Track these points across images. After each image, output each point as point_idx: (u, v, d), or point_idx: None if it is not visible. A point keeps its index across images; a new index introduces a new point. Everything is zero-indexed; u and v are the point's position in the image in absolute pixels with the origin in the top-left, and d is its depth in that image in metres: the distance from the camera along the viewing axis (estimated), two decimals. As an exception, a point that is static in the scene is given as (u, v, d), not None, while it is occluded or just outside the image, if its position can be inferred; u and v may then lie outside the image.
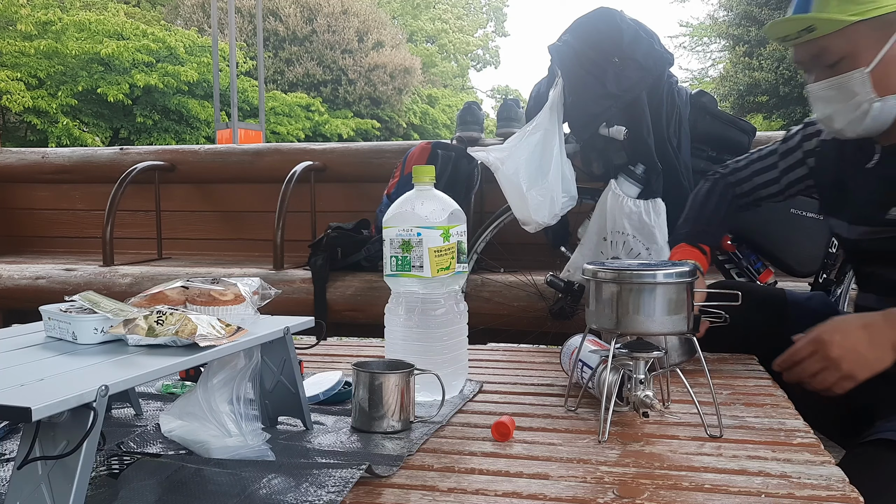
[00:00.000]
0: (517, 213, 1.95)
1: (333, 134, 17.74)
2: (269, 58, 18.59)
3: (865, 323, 1.20)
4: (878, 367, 1.17)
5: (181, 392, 1.23)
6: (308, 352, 1.50)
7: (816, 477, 0.85)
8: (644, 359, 1.04)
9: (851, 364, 1.17)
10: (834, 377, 1.18)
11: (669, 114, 2.06)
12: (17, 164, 3.64)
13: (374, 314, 1.44)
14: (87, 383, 0.69)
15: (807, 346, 1.21)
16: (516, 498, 0.81)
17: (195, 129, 16.29)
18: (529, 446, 0.97)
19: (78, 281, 2.87)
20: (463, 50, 30.54)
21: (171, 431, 0.96)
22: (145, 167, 3.29)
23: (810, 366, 1.20)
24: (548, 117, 1.99)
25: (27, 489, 0.67)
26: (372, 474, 0.85)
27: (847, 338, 1.19)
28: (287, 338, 1.00)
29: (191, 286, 1.00)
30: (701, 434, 1.01)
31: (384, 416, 1.02)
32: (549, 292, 2.37)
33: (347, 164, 3.21)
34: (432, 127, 21.98)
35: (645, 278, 1.02)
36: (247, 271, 2.76)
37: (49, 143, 13.89)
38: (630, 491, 0.82)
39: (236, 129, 12.20)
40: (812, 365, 1.19)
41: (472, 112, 2.96)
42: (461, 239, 1.20)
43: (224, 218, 3.52)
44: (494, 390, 1.26)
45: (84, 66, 14.77)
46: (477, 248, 2.51)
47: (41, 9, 14.79)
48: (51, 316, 0.92)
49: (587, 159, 2.31)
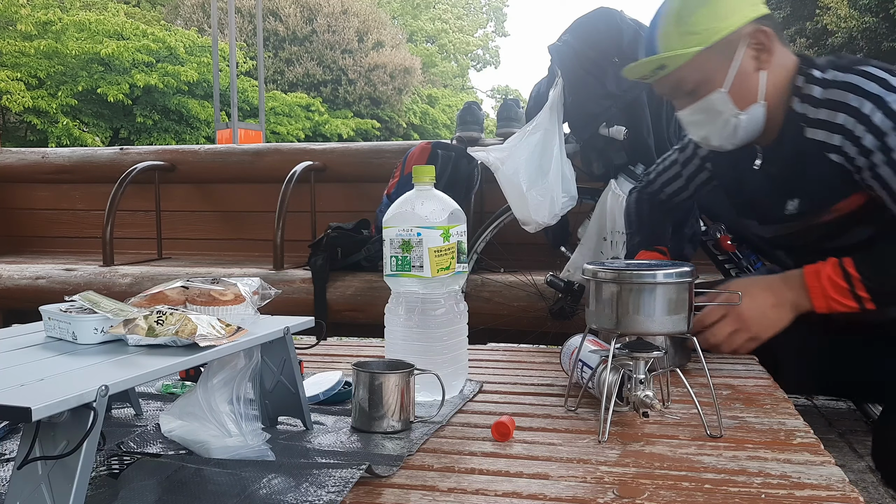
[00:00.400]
0: (517, 213, 1.95)
1: (333, 134, 17.74)
2: (269, 58, 18.60)
3: (768, 285, 1.30)
4: (780, 326, 1.29)
5: (181, 392, 1.23)
6: (308, 352, 1.50)
7: (816, 477, 0.85)
8: (644, 359, 1.04)
9: (759, 326, 1.29)
10: (743, 338, 1.29)
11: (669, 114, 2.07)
12: (17, 164, 3.64)
13: (374, 314, 1.44)
14: (87, 383, 0.69)
15: (717, 310, 1.29)
16: (516, 498, 0.81)
17: (195, 129, 16.29)
18: (529, 446, 0.97)
19: (78, 281, 2.87)
20: (463, 50, 30.55)
21: (171, 431, 0.96)
22: (145, 167, 3.29)
23: (721, 329, 1.28)
24: (548, 117, 1.99)
25: (27, 489, 0.67)
26: (372, 474, 0.85)
27: (754, 300, 1.29)
28: (287, 338, 1.00)
29: (191, 286, 1.00)
30: (701, 434, 1.01)
31: (384, 416, 1.02)
32: (549, 292, 2.37)
33: (347, 164, 3.22)
34: (432, 127, 21.98)
35: (645, 278, 1.02)
36: (247, 271, 2.76)
37: (49, 143, 13.90)
38: (630, 491, 0.82)
39: (236, 129, 12.19)
40: (723, 328, 1.28)
41: (472, 112, 2.97)
42: (461, 239, 1.20)
43: (224, 218, 3.52)
44: (494, 390, 1.26)
45: (84, 66, 14.77)
46: (477, 248, 2.51)
47: (41, 9, 14.79)
48: (51, 316, 0.92)
49: (587, 159, 2.31)
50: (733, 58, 1.27)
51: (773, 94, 1.30)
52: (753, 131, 1.33)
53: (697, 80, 1.30)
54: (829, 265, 1.28)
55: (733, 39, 1.27)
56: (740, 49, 1.27)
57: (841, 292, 1.26)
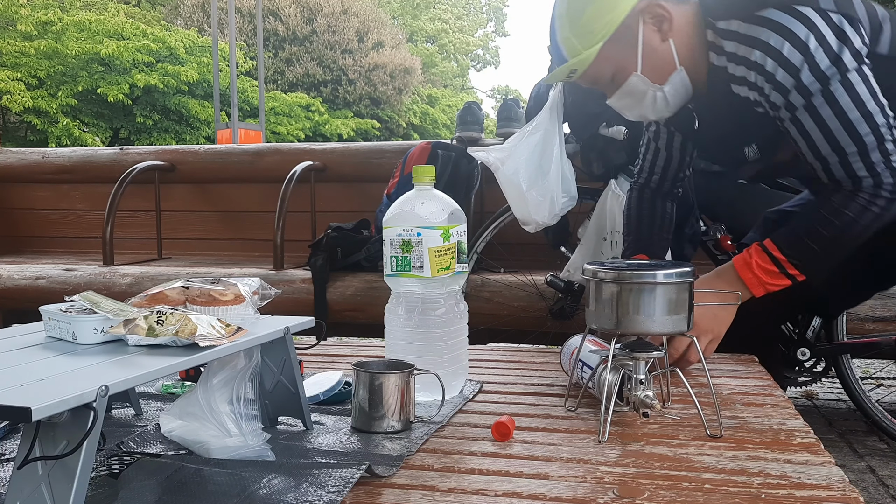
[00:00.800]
0: (517, 213, 1.95)
1: (333, 134, 17.74)
2: (269, 58, 18.59)
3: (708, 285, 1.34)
4: (730, 319, 1.34)
5: (181, 392, 1.23)
6: (308, 352, 1.50)
7: (816, 477, 0.85)
8: (644, 359, 1.04)
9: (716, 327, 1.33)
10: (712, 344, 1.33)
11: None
12: (17, 164, 3.64)
13: (374, 314, 1.44)
14: (87, 383, 0.69)
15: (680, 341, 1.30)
16: (516, 498, 0.81)
17: (195, 129, 16.29)
18: (529, 446, 0.97)
19: (78, 281, 2.88)
20: (463, 50, 30.54)
21: (171, 431, 0.96)
22: (145, 167, 3.29)
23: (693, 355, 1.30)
24: (548, 117, 1.99)
25: (27, 489, 0.67)
26: (372, 474, 0.85)
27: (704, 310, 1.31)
28: (287, 338, 1.00)
29: (191, 286, 1.00)
30: (701, 434, 1.01)
31: (384, 416, 1.02)
32: (549, 292, 2.37)
33: (347, 164, 3.22)
34: (432, 127, 21.96)
35: (645, 278, 1.02)
36: (247, 271, 2.76)
37: (49, 143, 13.90)
38: (630, 491, 0.82)
39: (236, 129, 12.19)
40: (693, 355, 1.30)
41: (472, 112, 2.97)
42: (461, 239, 1.20)
43: (224, 218, 3.52)
44: (494, 390, 1.26)
45: (84, 66, 14.77)
46: (477, 248, 2.51)
47: (41, 9, 14.79)
48: (51, 316, 0.92)
49: (587, 159, 2.32)
50: (637, 39, 1.30)
51: (688, 56, 1.32)
52: (683, 96, 1.36)
53: (612, 70, 1.33)
54: (755, 253, 1.32)
55: (630, 23, 1.29)
56: (640, 28, 1.30)
57: (773, 276, 1.30)
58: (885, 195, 1.24)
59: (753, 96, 1.28)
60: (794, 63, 1.20)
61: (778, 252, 1.30)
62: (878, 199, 1.25)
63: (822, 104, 1.22)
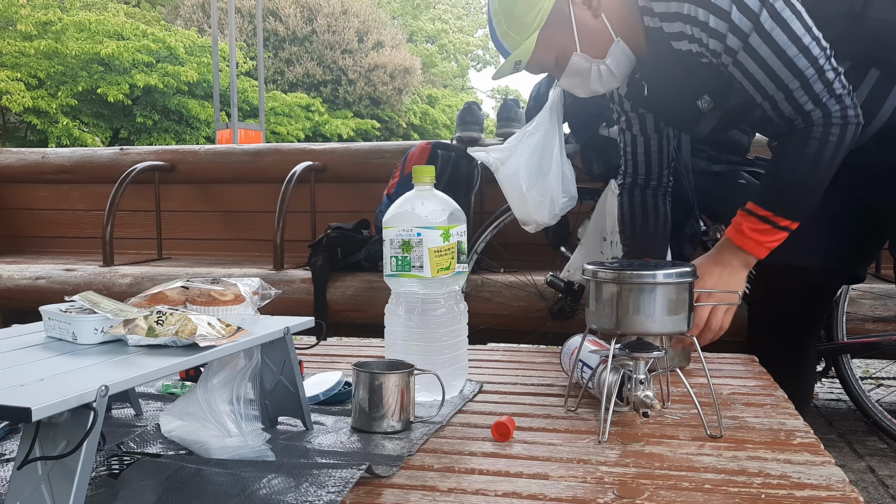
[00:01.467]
0: (517, 213, 1.95)
1: (333, 134, 17.73)
2: (269, 58, 18.59)
3: (714, 260, 1.36)
4: (743, 286, 1.38)
5: (181, 392, 1.23)
6: (308, 352, 1.50)
7: (816, 477, 0.85)
8: (644, 359, 1.04)
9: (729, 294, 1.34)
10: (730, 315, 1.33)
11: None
12: (17, 164, 3.64)
13: (374, 314, 1.44)
14: (87, 383, 0.69)
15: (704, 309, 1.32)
16: (516, 498, 0.81)
17: (195, 129, 16.28)
18: (529, 446, 0.97)
19: (78, 281, 2.88)
20: (463, 50, 30.53)
21: (171, 431, 0.96)
22: (145, 167, 3.29)
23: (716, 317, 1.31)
24: (548, 117, 1.99)
25: (27, 489, 0.67)
26: (372, 474, 0.85)
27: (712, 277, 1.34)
28: (287, 338, 1.00)
29: (191, 286, 1.00)
30: (701, 434, 1.01)
31: (384, 417, 1.02)
32: (549, 292, 2.37)
33: (347, 164, 3.22)
34: (432, 127, 21.95)
35: (645, 278, 1.02)
36: (247, 271, 2.76)
37: (49, 143, 13.89)
38: (630, 491, 0.82)
39: (236, 129, 12.18)
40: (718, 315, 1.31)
41: (472, 112, 2.97)
42: (461, 239, 1.20)
43: (224, 218, 3.52)
44: (494, 390, 1.26)
45: (84, 66, 14.76)
46: (477, 248, 2.51)
47: (41, 9, 14.78)
48: (51, 316, 0.92)
49: (587, 159, 2.32)
50: (570, 20, 1.33)
51: (622, 26, 1.35)
52: (627, 64, 1.38)
53: (554, 55, 1.36)
54: (743, 218, 1.34)
55: (560, 6, 1.32)
56: (571, 10, 1.33)
57: (767, 233, 1.32)
58: (836, 122, 1.27)
59: (695, 48, 1.30)
60: (723, 7, 1.23)
61: (763, 210, 1.32)
62: (831, 128, 1.27)
63: (759, 44, 1.24)
